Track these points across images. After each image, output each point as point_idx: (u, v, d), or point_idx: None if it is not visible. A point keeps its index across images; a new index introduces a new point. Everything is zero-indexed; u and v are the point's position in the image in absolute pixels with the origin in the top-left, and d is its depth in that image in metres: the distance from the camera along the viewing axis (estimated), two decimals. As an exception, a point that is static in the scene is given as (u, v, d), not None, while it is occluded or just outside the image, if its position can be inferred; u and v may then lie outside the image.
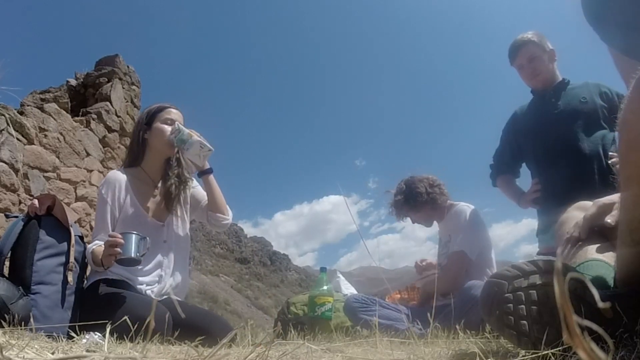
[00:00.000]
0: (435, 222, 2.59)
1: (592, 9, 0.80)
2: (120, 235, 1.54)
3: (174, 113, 1.95)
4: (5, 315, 1.31)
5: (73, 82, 5.19)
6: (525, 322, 0.75)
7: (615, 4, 0.77)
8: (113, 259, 1.54)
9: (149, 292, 1.76)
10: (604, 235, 1.01)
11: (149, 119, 1.93)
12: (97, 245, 1.69)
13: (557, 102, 2.28)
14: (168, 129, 1.90)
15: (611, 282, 0.86)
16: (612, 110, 2.17)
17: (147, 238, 1.70)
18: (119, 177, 1.87)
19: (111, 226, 1.80)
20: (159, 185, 1.95)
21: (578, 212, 1.13)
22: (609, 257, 0.91)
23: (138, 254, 1.58)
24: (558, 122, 2.24)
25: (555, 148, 2.23)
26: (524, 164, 2.51)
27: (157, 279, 1.81)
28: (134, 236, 1.58)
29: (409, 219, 2.60)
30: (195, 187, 2.05)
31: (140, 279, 1.77)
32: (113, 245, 1.52)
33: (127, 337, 1.07)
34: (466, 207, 2.42)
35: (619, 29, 0.78)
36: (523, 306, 0.75)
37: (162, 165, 1.96)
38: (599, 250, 0.96)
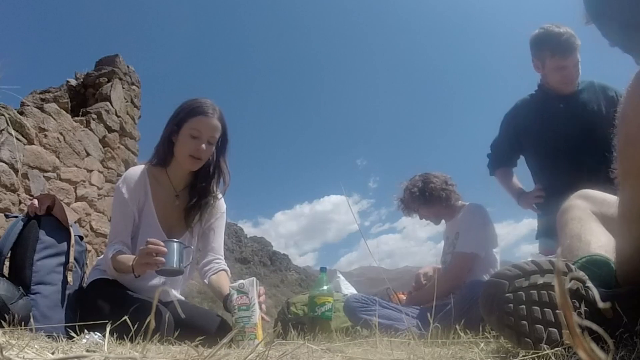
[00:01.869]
0: (442, 221, 2.58)
1: (593, 5, 0.81)
2: (162, 243, 1.41)
3: (204, 124, 1.65)
4: (5, 315, 1.31)
5: (73, 82, 5.20)
6: (525, 322, 0.74)
7: (615, 1, 0.77)
8: (154, 269, 1.41)
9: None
10: (605, 228, 1.01)
11: (179, 121, 1.68)
12: (116, 251, 1.57)
13: (565, 107, 2.21)
14: (192, 144, 1.66)
15: (613, 279, 0.86)
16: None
17: (192, 247, 1.57)
18: (141, 177, 1.71)
19: (132, 230, 1.68)
20: (180, 194, 1.77)
21: (580, 201, 1.13)
22: (611, 252, 0.91)
23: (181, 264, 1.45)
24: (564, 129, 2.19)
25: (559, 156, 2.19)
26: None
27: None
28: (175, 245, 1.45)
29: (416, 215, 2.58)
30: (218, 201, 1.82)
31: (139, 292, 1.67)
32: (156, 253, 1.38)
33: (127, 337, 1.07)
34: (476, 206, 2.42)
35: (619, 26, 0.79)
36: (523, 306, 0.75)
37: (188, 174, 1.76)
38: (600, 244, 0.96)
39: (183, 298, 1.90)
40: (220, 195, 1.83)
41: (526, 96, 2.41)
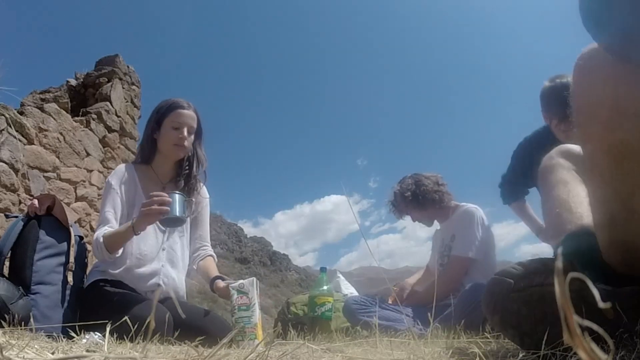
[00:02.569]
0: (435, 222, 2.57)
1: (592, 12, 0.81)
2: (166, 194, 1.50)
3: (184, 116, 1.84)
4: (5, 315, 1.31)
5: (73, 82, 5.20)
6: (528, 322, 0.74)
7: (616, 9, 0.77)
8: (159, 218, 1.50)
9: (149, 294, 1.75)
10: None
11: (159, 118, 1.86)
12: (107, 230, 1.63)
13: None
14: (174, 134, 1.82)
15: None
16: None
17: (193, 199, 1.73)
18: (129, 172, 1.84)
19: (119, 218, 1.74)
20: (166, 186, 1.89)
21: (563, 160, 1.10)
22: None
23: (184, 214, 1.54)
24: None
25: None
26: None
27: (156, 285, 1.77)
28: (177, 196, 1.53)
29: (408, 217, 2.57)
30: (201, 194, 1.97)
31: (140, 284, 1.73)
32: (160, 203, 1.48)
33: (127, 337, 1.07)
34: (473, 208, 2.41)
35: (618, 35, 0.79)
36: (527, 306, 0.75)
37: (172, 167, 1.91)
38: (590, 219, 0.95)
39: (183, 290, 1.89)
40: (202, 182, 1.98)
41: (532, 133, 2.34)
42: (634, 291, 0.76)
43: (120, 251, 1.67)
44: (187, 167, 1.90)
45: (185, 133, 1.83)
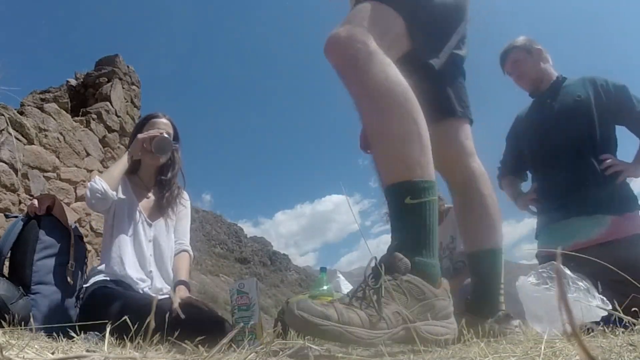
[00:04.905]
0: None
1: None
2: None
3: (158, 123, 2.00)
4: (5, 315, 1.31)
5: (73, 82, 5.20)
6: None
7: None
8: (152, 140, 1.86)
9: (146, 289, 1.76)
10: None
11: (137, 131, 2.02)
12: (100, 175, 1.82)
13: (552, 102, 2.25)
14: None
15: None
16: (609, 103, 2.14)
17: (177, 145, 2.00)
18: (123, 180, 1.95)
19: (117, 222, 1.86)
20: (151, 191, 2.03)
21: None
22: None
23: (172, 142, 1.93)
24: (553, 123, 2.21)
25: (550, 150, 2.21)
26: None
27: (149, 277, 1.81)
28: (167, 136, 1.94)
29: None
30: (184, 205, 2.10)
31: (133, 275, 1.75)
32: (153, 132, 1.89)
33: (127, 337, 1.07)
34: None
35: None
36: None
37: (155, 172, 2.05)
38: None
39: (170, 280, 1.92)
40: (186, 196, 2.13)
41: (525, 107, 2.44)
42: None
43: (119, 189, 1.84)
44: (166, 174, 2.05)
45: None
